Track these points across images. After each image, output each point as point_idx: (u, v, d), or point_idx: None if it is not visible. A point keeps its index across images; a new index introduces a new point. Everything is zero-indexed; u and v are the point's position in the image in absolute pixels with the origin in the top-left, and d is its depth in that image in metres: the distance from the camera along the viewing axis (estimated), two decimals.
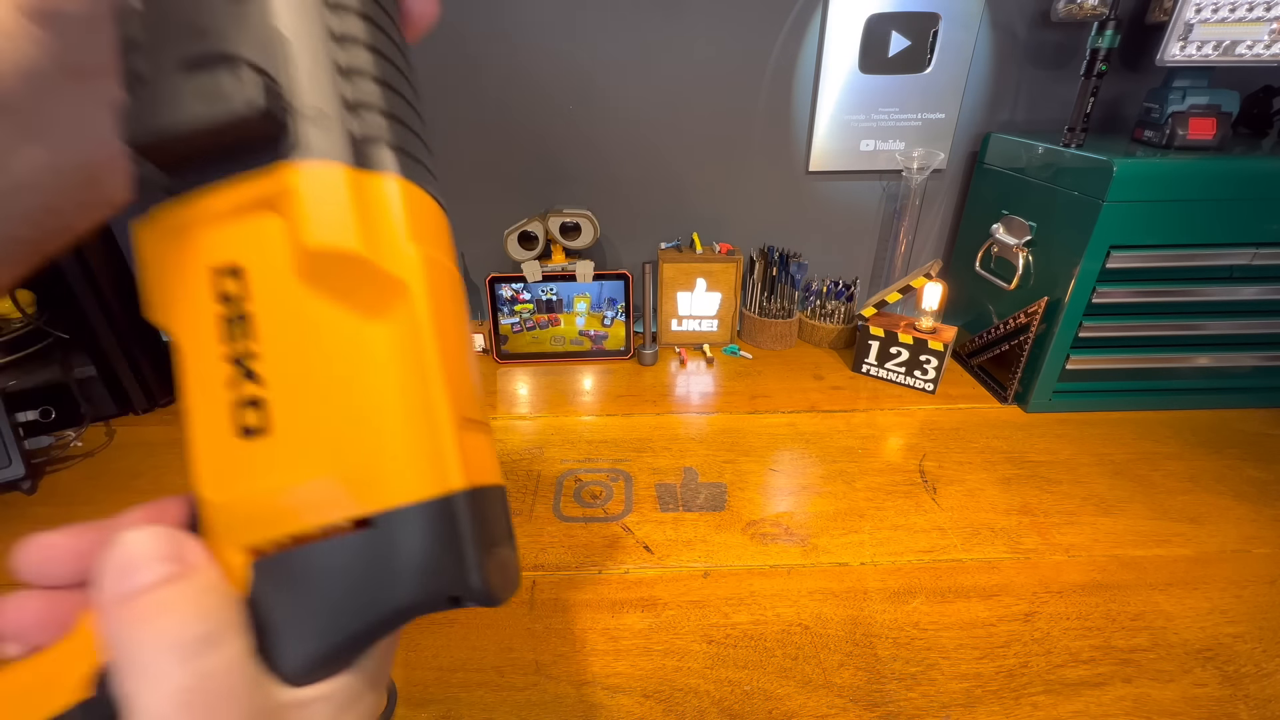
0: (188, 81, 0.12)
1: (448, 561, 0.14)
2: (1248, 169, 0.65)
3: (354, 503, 0.14)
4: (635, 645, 0.48)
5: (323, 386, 0.14)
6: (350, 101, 0.14)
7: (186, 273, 0.14)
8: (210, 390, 0.14)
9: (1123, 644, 0.48)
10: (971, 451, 0.70)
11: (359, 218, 0.13)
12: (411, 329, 0.14)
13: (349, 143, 0.14)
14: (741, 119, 0.88)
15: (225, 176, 0.13)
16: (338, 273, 0.14)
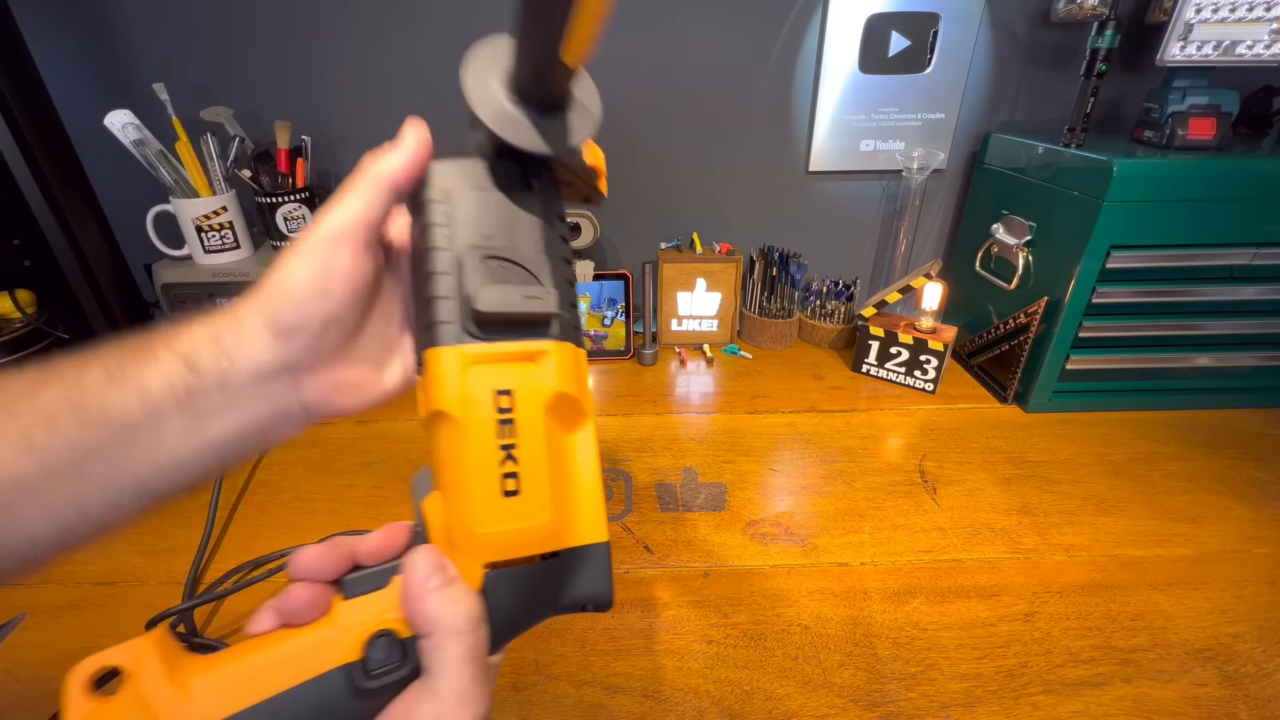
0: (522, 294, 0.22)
1: (597, 582, 0.24)
2: (1248, 169, 0.65)
3: (555, 542, 0.23)
4: (635, 645, 0.48)
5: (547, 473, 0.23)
6: (568, 304, 0.24)
7: (480, 387, 0.22)
8: (487, 465, 0.22)
9: (1123, 644, 0.48)
10: (971, 451, 0.70)
11: (576, 376, 0.24)
12: (589, 442, 0.24)
13: (571, 330, 0.24)
14: (741, 119, 0.88)
15: (514, 339, 0.23)
16: (564, 406, 0.23)
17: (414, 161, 0.25)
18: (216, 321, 0.23)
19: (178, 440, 0.23)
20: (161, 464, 0.22)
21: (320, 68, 0.82)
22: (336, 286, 0.23)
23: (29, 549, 0.22)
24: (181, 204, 0.74)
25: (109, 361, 0.22)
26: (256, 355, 0.23)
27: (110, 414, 0.22)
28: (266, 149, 0.79)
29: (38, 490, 0.21)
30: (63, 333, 0.77)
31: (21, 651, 0.48)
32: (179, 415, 0.22)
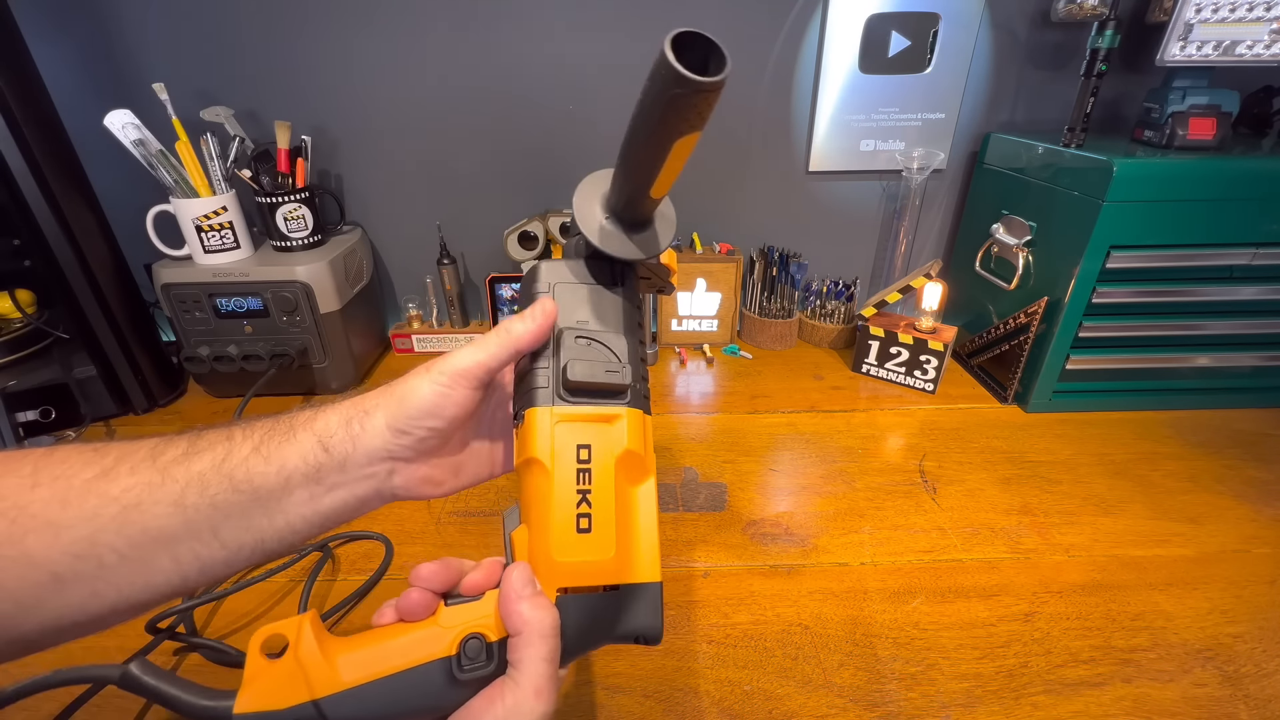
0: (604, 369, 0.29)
1: (649, 617, 0.28)
2: (1248, 169, 0.65)
3: (616, 577, 0.28)
4: (635, 645, 0.48)
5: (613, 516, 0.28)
6: (642, 377, 0.30)
7: (565, 440, 0.28)
8: (567, 505, 0.27)
9: (1123, 644, 0.48)
10: (971, 451, 0.70)
11: (643, 438, 0.29)
12: (650, 494, 0.29)
13: (641, 399, 0.30)
14: (742, 119, 0.88)
15: (595, 403, 0.29)
16: (632, 462, 0.29)
17: (540, 332, 0.29)
18: (348, 410, 0.29)
19: (298, 509, 0.27)
20: (280, 528, 0.27)
21: (320, 68, 0.82)
22: (448, 411, 0.29)
23: (146, 598, 0.26)
24: (181, 204, 0.74)
25: (257, 437, 0.28)
26: (373, 444, 0.28)
27: (254, 483, 0.26)
28: (266, 149, 0.79)
29: (174, 545, 0.25)
30: (63, 333, 0.77)
31: None
32: (305, 488, 0.27)
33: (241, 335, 0.78)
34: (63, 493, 0.25)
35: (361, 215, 0.93)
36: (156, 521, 0.25)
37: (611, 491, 0.28)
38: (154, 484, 0.25)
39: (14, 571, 0.23)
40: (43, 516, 0.24)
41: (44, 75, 0.68)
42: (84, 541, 0.24)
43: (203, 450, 0.27)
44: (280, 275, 0.76)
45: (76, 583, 0.24)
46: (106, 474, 0.25)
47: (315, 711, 0.25)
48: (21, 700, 0.30)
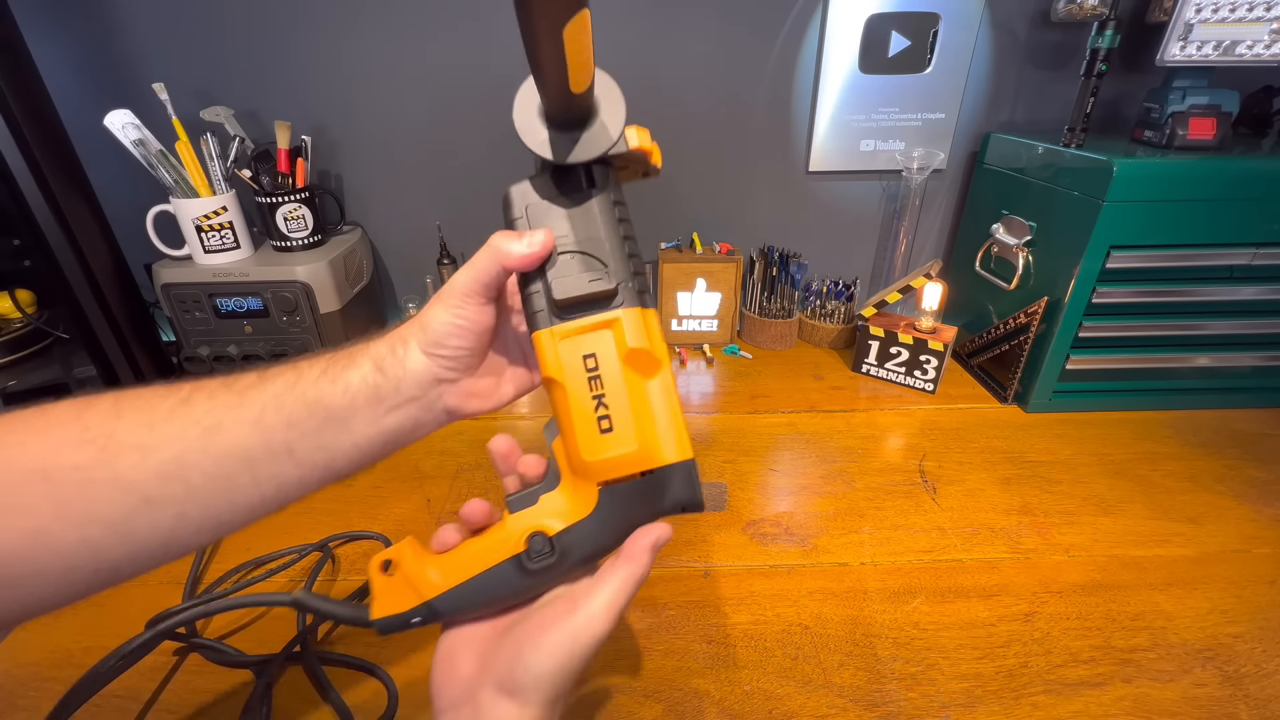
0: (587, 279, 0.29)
1: (686, 490, 0.30)
2: (1248, 169, 0.65)
3: (647, 463, 0.30)
4: (635, 645, 0.48)
5: (632, 411, 0.30)
6: (633, 273, 0.31)
7: (571, 356, 0.30)
8: (586, 411, 0.30)
9: (1123, 644, 0.48)
10: (971, 451, 0.70)
11: (645, 334, 0.30)
12: (665, 384, 0.30)
13: (637, 296, 0.30)
14: (742, 119, 0.88)
15: (589, 314, 0.30)
16: (638, 358, 0.30)
17: (532, 259, 0.30)
18: (391, 339, 0.31)
19: (363, 428, 0.30)
20: (347, 448, 0.30)
21: (320, 67, 0.82)
22: (468, 328, 0.31)
23: (229, 518, 0.27)
24: (181, 204, 0.74)
25: (324, 362, 0.30)
26: (416, 366, 0.31)
27: (323, 401, 0.29)
28: (266, 149, 0.79)
29: (254, 464, 0.27)
30: (63, 333, 0.77)
31: (21, 651, 0.48)
32: (368, 407, 0.30)
33: (241, 335, 0.78)
34: (147, 419, 0.26)
35: (361, 215, 0.93)
36: (239, 441, 0.27)
37: (624, 390, 0.30)
38: (233, 405, 0.27)
39: (106, 495, 0.25)
40: (131, 441, 0.25)
41: (44, 75, 0.68)
42: (172, 463, 0.26)
43: (274, 377, 0.29)
44: (280, 275, 0.76)
45: (165, 505, 0.26)
46: (185, 401, 0.27)
47: (429, 609, 0.30)
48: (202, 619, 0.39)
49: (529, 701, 0.27)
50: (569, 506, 0.31)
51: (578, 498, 0.31)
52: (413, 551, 0.32)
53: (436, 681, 0.31)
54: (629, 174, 0.36)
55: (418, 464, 0.68)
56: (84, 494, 0.24)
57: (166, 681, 0.45)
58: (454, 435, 0.72)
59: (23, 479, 0.24)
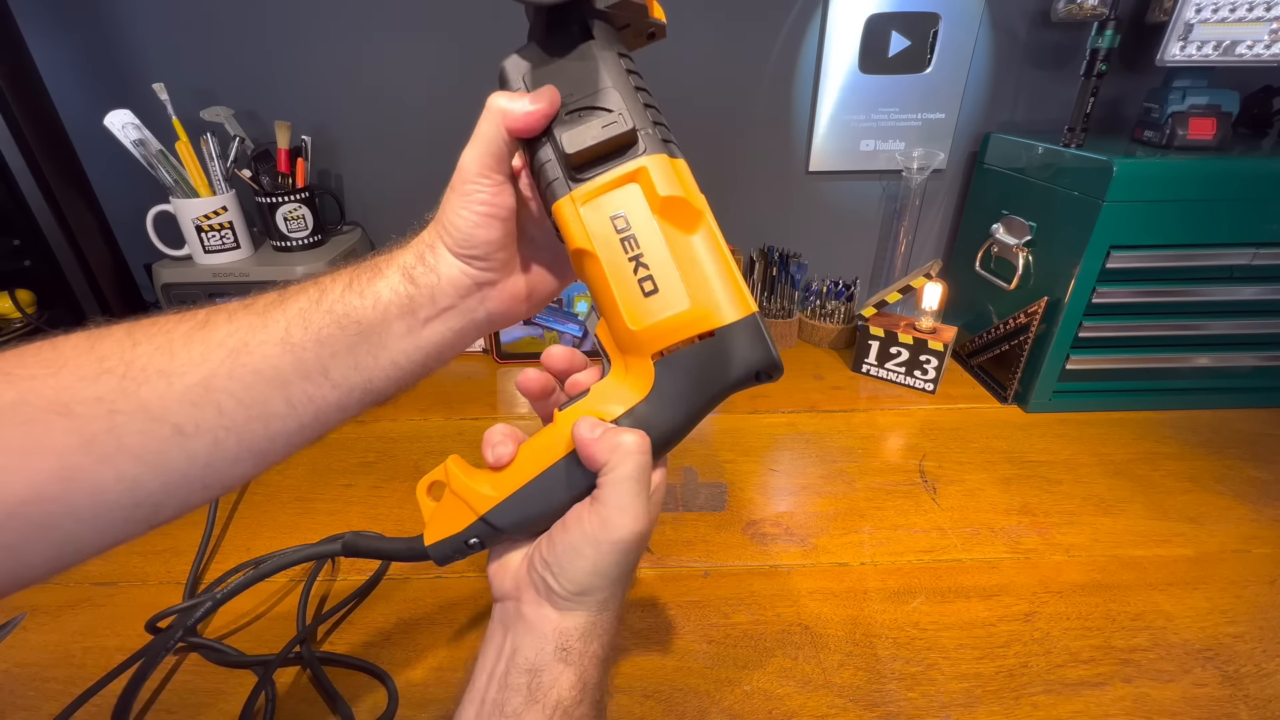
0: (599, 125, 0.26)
1: (757, 351, 0.27)
2: (1248, 169, 0.65)
3: (703, 324, 0.26)
4: (635, 645, 0.48)
5: (676, 267, 0.26)
6: (653, 122, 0.28)
7: (597, 219, 0.27)
8: (624, 276, 0.27)
9: (1123, 644, 0.48)
10: (971, 451, 0.70)
11: (679, 180, 0.27)
12: (710, 237, 0.27)
13: (661, 144, 0.27)
14: (741, 119, 0.88)
15: (609, 167, 0.27)
16: (673, 209, 0.27)
17: (534, 118, 0.27)
18: (419, 245, 0.29)
19: (398, 343, 0.28)
20: (385, 365, 0.28)
21: (320, 68, 0.82)
22: (488, 214, 0.28)
23: (266, 446, 0.26)
24: (181, 204, 0.74)
25: (346, 276, 0.28)
26: (450, 272, 0.28)
27: (352, 315, 0.27)
28: (266, 149, 0.79)
29: (288, 385, 0.26)
30: (63, 332, 0.77)
31: (21, 651, 0.48)
32: (401, 320, 0.28)
33: None
34: (165, 345, 0.25)
35: (361, 215, 0.93)
36: (267, 362, 0.25)
37: (664, 246, 0.27)
38: (255, 325, 0.26)
39: (134, 426, 0.23)
40: (152, 368, 0.24)
41: (44, 75, 0.68)
42: (199, 388, 0.24)
43: (295, 294, 0.27)
44: (280, 275, 0.76)
45: (198, 434, 0.24)
46: (203, 325, 0.26)
47: (485, 525, 0.29)
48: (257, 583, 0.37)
49: (569, 606, 0.26)
50: (625, 390, 0.28)
51: (632, 377, 0.28)
52: (459, 468, 0.30)
53: (491, 571, 0.30)
54: (634, 36, 0.32)
55: (418, 463, 0.68)
56: (110, 426, 0.23)
57: (166, 681, 0.45)
58: (454, 436, 0.72)
59: (42, 414, 0.22)
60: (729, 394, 0.28)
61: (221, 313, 0.26)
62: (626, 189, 0.27)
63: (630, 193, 0.27)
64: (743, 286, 0.27)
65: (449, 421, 0.74)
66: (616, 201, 0.27)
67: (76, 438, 0.22)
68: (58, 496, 0.22)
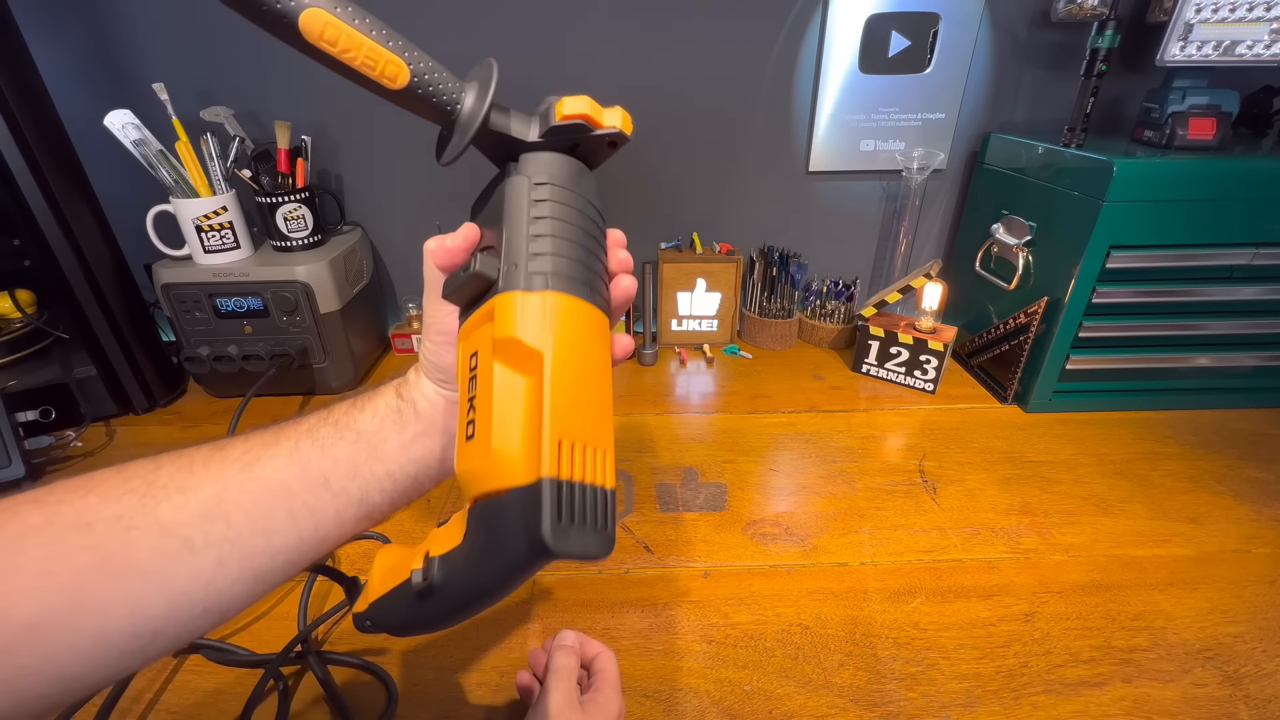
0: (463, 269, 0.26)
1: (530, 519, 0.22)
2: (1248, 169, 0.65)
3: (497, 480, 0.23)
4: (635, 645, 0.48)
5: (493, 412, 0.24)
6: (533, 253, 0.25)
7: (462, 355, 0.27)
8: (462, 414, 0.26)
9: (1123, 644, 0.48)
10: (971, 451, 0.70)
11: (515, 318, 0.24)
12: (536, 384, 0.24)
13: (525, 277, 0.25)
14: (742, 119, 0.88)
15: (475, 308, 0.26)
16: (507, 351, 0.24)
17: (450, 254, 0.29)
18: (408, 373, 0.33)
19: (393, 454, 0.30)
20: (379, 474, 0.30)
21: (320, 68, 0.82)
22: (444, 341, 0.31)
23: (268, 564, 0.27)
24: (181, 204, 0.74)
25: (351, 398, 0.32)
26: (428, 393, 0.32)
27: (354, 426, 0.30)
28: (266, 149, 0.79)
29: (291, 496, 0.27)
30: (63, 333, 0.77)
31: None
32: (394, 432, 0.30)
33: (241, 335, 0.78)
34: (186, 465, 0.27)
35: (361, 215, 0.93)
36: (275, 474, 0.27)
37: (489, 389, 0.24)
38: (268, 443, 0.28)
39: (147, 542, 0.24)
40: (172, 485, 0.26)
41: (44, 75, 0.68)
42: (211, 501, 0.26)
43: (306, 416, 0.30)
44: (280, 275, 0.76)
45: (205, 548, 0.25)
46: (221, 449, 0.28)
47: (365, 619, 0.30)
48: None
49: None
50: (453, 529, 0.26)
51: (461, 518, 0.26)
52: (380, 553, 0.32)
53: None
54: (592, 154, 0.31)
55: None
56: (125, 542, 0.24)
57: (168, 682, 0.45)
58: None
59: (63, 533, 0.23)
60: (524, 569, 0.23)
61: (240, 437, 0.29)
62: (484, 328, 0.26)
63: (485, 331, 0.26)
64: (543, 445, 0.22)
65: None
66: (476, 340, 0.26)
67: (91, 556, 0.23)
68: (63, 620, 0.22)
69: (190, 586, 0.25)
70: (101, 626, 0.23)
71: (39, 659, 0.22)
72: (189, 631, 0.26)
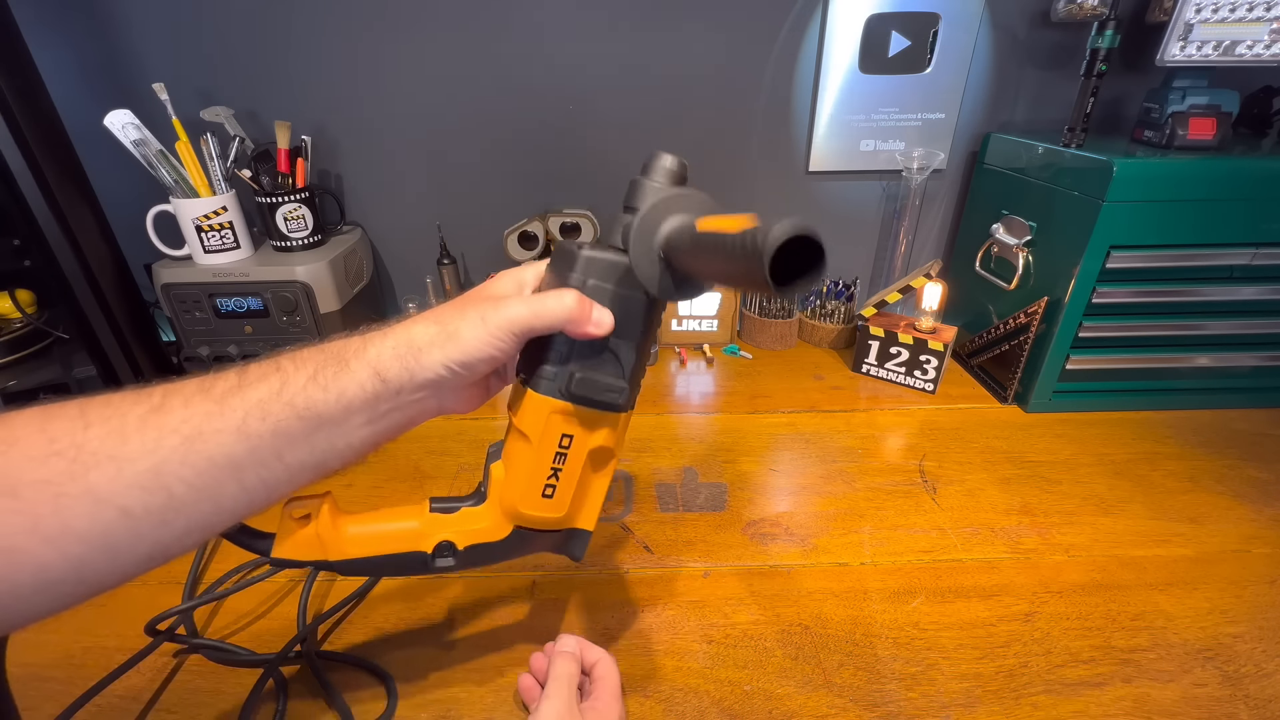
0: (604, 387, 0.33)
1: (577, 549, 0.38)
2: (1248, 169, 0.65)
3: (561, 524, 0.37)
4: (635, 645, 0.48)
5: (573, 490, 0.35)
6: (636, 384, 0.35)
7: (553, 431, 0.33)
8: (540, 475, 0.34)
9: (1123, 644, 0.48)
10: (971, 451, 0.70)
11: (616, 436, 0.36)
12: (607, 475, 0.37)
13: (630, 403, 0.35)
14: (741, 119, 0.88)
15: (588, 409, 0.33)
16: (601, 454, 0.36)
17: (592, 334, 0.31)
18: (398, 344, 0.29)
19: (358, 431, 0.29)
20: (339, 448, 0.29)
21: (320, 68, 0.82)
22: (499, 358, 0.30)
23: (215, 521, 0.27)
24: (181, 204, 0.74)
25: (311, 367, 0.28)
26: (427, 376, 0.29)
27: (314, 409, 0.27)
28: (266, 149, 0.79)
29: (241, 470, 0.26)
30: (63, 333, 0.77)
31: (22, 651, 0.47)
32: (363, 413, 0.29)
33: (242, 335, 0.78)
34: (118, 429, 0.25)
35: (361, 215, 0.93)
36: (221, 450, 0.26)
37: (577, 474, 0.34)
38: (212, 414, 0.26)
39: (80, 509, 0.23)
40: (102, 452, 0.24)
41: (44, 75, 0.68)
42: (150, 474, 0.24)
43: (255, 381, 0.27)
44: (280, 275, 0.76)
45: (146, 516, 0.25)
46: (158, 410, 0.26)
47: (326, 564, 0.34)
48: None
49: None
50: (483, 529, 0.35)
51: (493, 525, 0.35)
52: (330, 508, 0.35)
53: None
54: None
55: (418, 464, 0.68)
56: (56, 508, 0.23)
57: (167, 682, 0.45)
58: (454, 436, 0.72)
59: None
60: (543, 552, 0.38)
61: (177, 396, 0.26)
62: (585, 426, 0.33)
63: (585, 429, 0.33)
64: (598, 511, 0.37)
65: (449, 422, 0.74)
66: (573, 427, 0.33)
67: (22, 519, 0.22)
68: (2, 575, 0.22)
69: (133, 547, 0.25)
70: (43, 581, 0.23)
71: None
72: (134, 574, 0.26)
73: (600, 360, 0.32)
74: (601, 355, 0.32)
